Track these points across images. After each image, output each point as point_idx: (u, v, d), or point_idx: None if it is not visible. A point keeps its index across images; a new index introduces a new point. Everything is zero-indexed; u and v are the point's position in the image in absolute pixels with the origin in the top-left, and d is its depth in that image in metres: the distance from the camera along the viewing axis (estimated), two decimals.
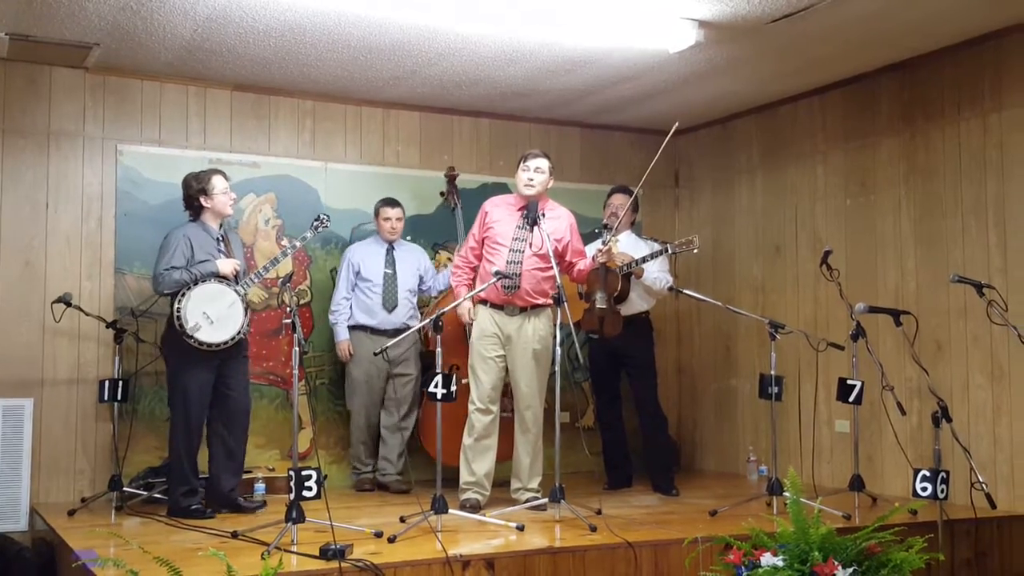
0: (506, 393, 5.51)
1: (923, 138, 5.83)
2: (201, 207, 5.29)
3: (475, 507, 5.21)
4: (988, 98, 5.49)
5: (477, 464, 5.32)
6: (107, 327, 5.60)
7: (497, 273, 5.09)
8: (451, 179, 6.58)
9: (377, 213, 6.26)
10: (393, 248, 6.24)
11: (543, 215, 5.32)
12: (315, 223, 5.57)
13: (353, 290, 6.16)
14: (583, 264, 5.49)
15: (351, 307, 6.15)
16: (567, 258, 5.45)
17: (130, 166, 6.01)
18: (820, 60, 5.84)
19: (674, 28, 5.15)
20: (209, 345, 5.08)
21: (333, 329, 6.19)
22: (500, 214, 5.43)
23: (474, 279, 5.47)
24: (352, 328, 6.14)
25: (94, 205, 5.94)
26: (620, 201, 6.06)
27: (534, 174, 5.37)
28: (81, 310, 5.57)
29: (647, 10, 5.00)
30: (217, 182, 5.28)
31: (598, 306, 5.60)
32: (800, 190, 6.62)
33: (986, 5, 5.00)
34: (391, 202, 6.27)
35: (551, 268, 5.17)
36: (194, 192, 5.28)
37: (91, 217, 5.92)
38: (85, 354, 5.83)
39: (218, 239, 5.31)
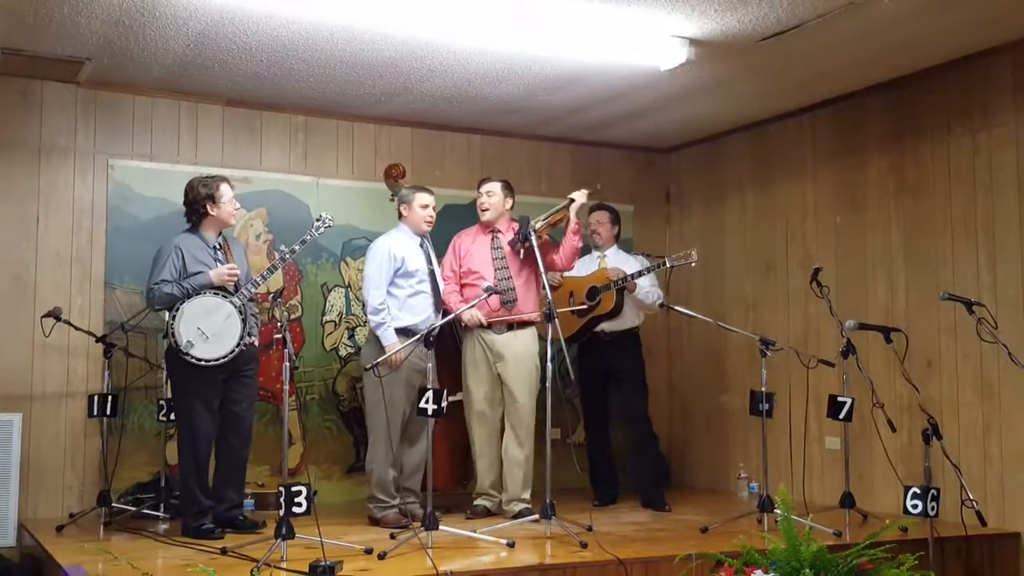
0: None
1: (912, 156, 5.86)
2: (205, 214, 5.03)
3: (487, 513, 5.50)
4: (977, 116, 5.52)
5: (491, 470, 5.57)
6: (96, 342, 5.57)
7: (488, 288, 5.13)
8: (395, 177, 5.91)
9: (409, 201, 5.49)
10: (424, 241, 5.53)
11: (502, 233, 5.58)
12: (316, 223, 5.17)
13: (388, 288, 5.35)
14: (561, 252, 5.59)
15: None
16: (547, 258, 5.52)
17: (121, 181, 6.00)
18: (810, 78, 5.87)
19: (665, 46, 5.18)
20: (207, 361, 4.85)
21: (378, 333, 5.27)
22: (469, 242, 5.63)
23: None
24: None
25: (85, 220, 5.92)
26: (598, 218, 6.25)
27: (486, 198, 5.62)
28: (71, 324, 5.55)
29: (638, 28, 5.02)
30: (225, 190, 5.07)
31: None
32: (790, 207, 6.64)
33: (975, 25, 5.04)
34: (426, 188, 5.56)
35: (535, 284, 5.51)
36: (201, 198, 5.01)
37: (82, 232, 5.91)
38: (74, 369, 5.81)
39: (215, 247, 5.08)
